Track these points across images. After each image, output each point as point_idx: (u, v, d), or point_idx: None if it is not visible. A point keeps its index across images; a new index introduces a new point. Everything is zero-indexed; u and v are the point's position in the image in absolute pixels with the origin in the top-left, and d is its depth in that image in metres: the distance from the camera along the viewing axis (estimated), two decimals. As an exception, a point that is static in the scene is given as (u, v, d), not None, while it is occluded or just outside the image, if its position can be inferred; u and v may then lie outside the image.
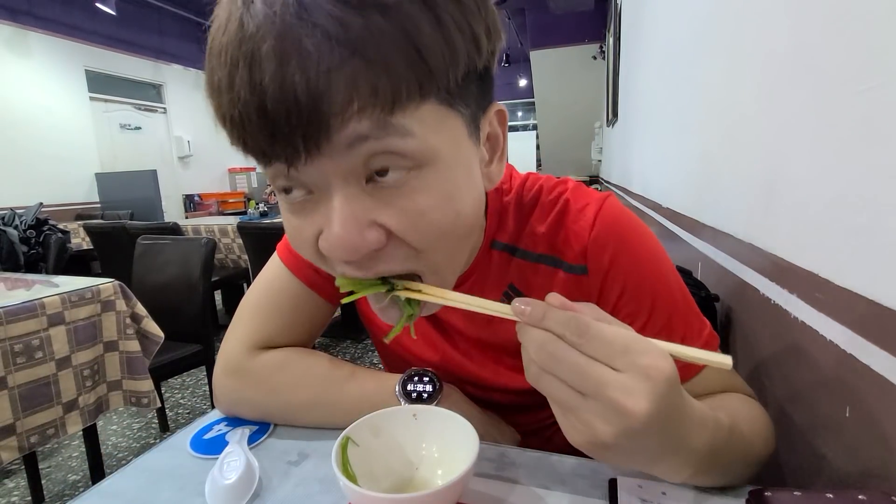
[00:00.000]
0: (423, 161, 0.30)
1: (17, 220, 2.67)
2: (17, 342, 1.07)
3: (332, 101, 0.26)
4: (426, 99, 0.29)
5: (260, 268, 0.56)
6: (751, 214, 0.70)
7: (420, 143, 0.29)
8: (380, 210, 0.30)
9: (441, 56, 0.28)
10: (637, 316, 0.43)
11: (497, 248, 0.46)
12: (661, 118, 1.65)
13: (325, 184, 0.30)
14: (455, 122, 0.32)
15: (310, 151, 0.27)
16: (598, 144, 5.57)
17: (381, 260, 0.32)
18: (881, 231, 0.39)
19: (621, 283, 0.43)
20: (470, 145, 0.34)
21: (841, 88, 0.45)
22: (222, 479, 0.40)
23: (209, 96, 0.30)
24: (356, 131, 0.27)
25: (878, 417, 0.38)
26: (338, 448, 0.36)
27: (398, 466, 0.39)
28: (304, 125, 0.26)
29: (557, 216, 0.45)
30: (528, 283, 0.47)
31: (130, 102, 5.53)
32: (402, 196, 0.30)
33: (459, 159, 0.33)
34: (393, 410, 0.41)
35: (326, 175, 0.29)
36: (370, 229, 0.30)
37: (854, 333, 0.41)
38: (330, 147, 0.28)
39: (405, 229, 0.31)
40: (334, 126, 0.27)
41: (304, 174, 0.30)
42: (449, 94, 0.30)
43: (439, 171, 0.31)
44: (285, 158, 0.28)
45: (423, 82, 0.28)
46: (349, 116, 0.27)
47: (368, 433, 0.39)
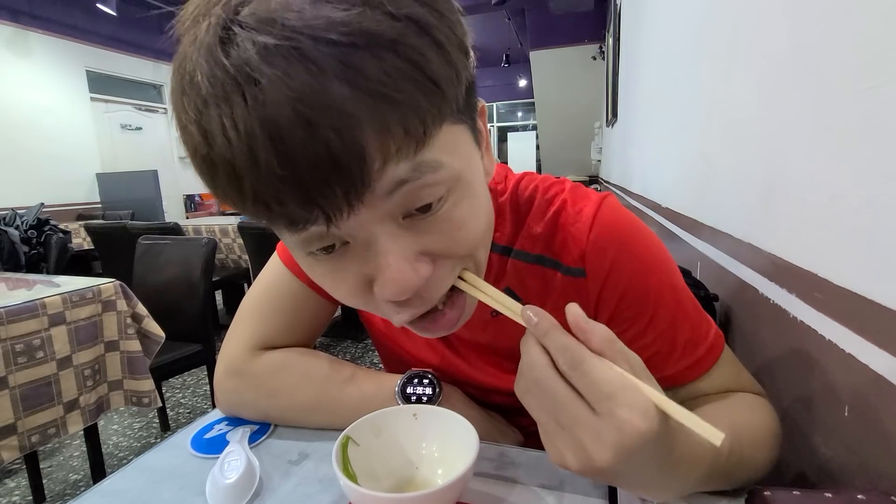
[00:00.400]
0: (453, 184, 0.30)
1: (19, 220, 2.67)
2: (18, 342, 1.07)
3: (370, 151, 0.25)
4: (443, 124, 0.29)
5: (260, 268, 0.57)
6: (750, 214, 0.70)
7: (448, 171, 0.29)
8: (422, 239, 0.30)
9: (450, 80, 0.28)
10: (638, 320, 0.43)
11: (494, 250, 0.45)
12: (661, 118, 1.65)
13: (365, 232, 0.29)
14: (465, 135, 0.32)
15: (352, 206, 0.26)
16: (597, 144, 5.57)
17: (436, 284, 0.32)
18: (881, 231, 0.39)
19: (622, 287, 0.42)
20: (476, 151, 0.35)
21: (840, 88, 0.45)
22: (223, 478, 0.40)
23: (227, 184, 0.26)
24: (395, 177, 0.27)
25: (877, 417, 0.38)
26: (338, 447, 0.36)
27: (398, 466, 0.40)
28: (345, 183, 0.25)
29: (554, 217, 0.45)
30: (525, 286, 0.46)
31: (131, 103, 5.54)
32: (438, 220, 0.30)
33: (474, 168, 0.33)
34: (393, 410, 0.41)
35: (368, 224, 0.28)
36: (419, 262, 0.30)
37: (853, 333, 0.41)
38: (372, 197, 0.27)
39: (449, 247, 0.32)
40: (375, 176, 0.26)
41: (345, 228, 0.28)
42: (459, 112, 0.31)
43: (465, 186, 0.31)
44: (325, 220, 0.27)
45: (442, 109, 0.28)
46: (387, 163, 0.26)
47: (369, 433, 0.39)
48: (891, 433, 0.36)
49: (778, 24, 0.61)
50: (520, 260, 0.46)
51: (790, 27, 0.58)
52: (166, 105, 5.92)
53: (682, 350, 0.43)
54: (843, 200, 0.44)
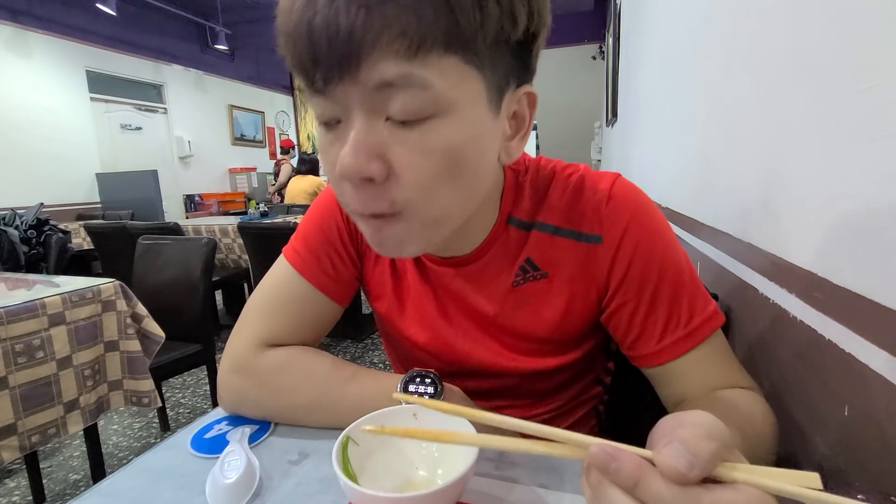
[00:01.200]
0: (438, 111, 0.33)
1: (18, 220, 2.67)
2: (18, 342, 1.07)
3: (365, 34, 0.30)
4: (451, 53, 0.32)
5: (260, 267, 0.58)
6: (750, 213, 0.70)
7: (437, 95, 0.32)
8: (388, 146, 0.34)
9: (471, 16, 0.31)
10: (644, 286, 0.45)
11: (513, 223, 0.48)
12: (661, 118, 1.65)
13: (350, 112, 0.34)
14: (476, 84, 0.34)
15: (343, 77, 0.31)
16: (597, 144, 5.57)
17: (376, 195, 0.35)
18: (881, 231, 0.39)
19: (631, 252, 0.45)
20: (487, 111, 0.36)
21: (840, 88, 0.45)
22: (223, 478, 0.40)
23: (278, 19, 0.34)
24: (382, 75, 0.31)
25: (877, 417, 0.38)
26: (338, 447, 0.36)
27: (399, 466, 0.40)
28: (340, 49, 0.30)
29: (573, 191, 0.48)
30: (545, 255, 0.48)
31: (131, 103, 5.53)
32: (411, 137, 0.33)
33: (472, 119, 0.35)
34: (393, 410, 0.41)
35: (353, 103, 0.33)
36: (375, 160, 0.34)
37: (853, 333, 0.41)
38: (360, 78, 0.31)
39: (405, 166, 0.34)
40: (364, 58, 0.31)
41: (337, 99, 0.33)
42: (476, 56, 0.33)
43: (451, 123, 0.34)
44: (323, 80, 0.32)
45: (450, 35, 0.31)
46: (378, 53, 0.30)
47: (369, 433, 0.39)
48: (891, 433, 0.36)
49: (778, 23, 0.61)
50: (541, 231, 0.48)
51: (790, 27, 0.58)
52: (166, 105, 5.92)
53: (678, 321, 0.45)
54: (843, 200, 0.44)
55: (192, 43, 6.28)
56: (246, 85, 7.18)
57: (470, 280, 0.51)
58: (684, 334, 0.45)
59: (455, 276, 0.51)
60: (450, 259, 0.51)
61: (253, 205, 4.67)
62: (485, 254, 0.49)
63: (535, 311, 0.49)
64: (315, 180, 4.35)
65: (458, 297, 0.52)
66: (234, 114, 6.95)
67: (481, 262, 0.49)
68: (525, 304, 0.49)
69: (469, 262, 0.50)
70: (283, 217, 3.36)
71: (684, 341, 0.45)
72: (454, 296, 0.52)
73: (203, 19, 6.08)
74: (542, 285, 0.49)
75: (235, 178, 6.85)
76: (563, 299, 0.48)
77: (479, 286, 0.50)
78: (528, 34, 0.36)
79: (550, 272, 0.48)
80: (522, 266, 0.49)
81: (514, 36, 0.34)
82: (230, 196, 6.54)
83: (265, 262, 2.61)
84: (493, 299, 0.50)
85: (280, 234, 2.31)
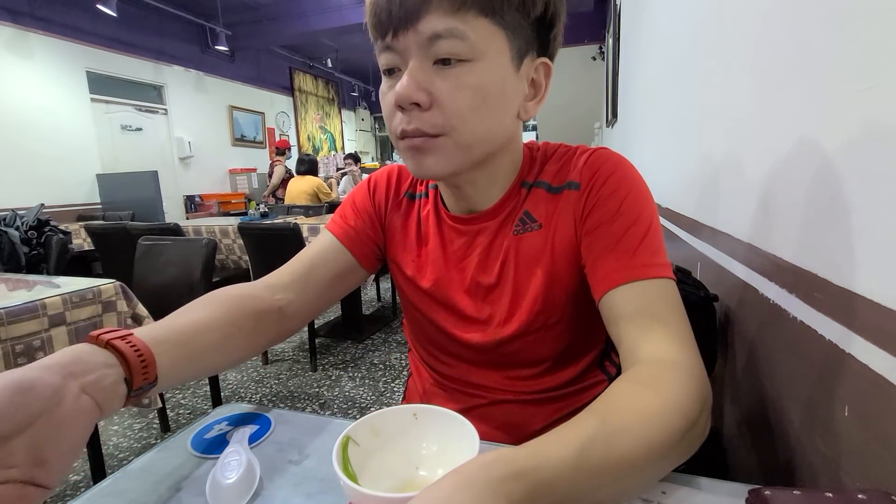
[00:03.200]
0: (472, 56, 0.45)
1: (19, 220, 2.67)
2: (19, 343, 1.07)
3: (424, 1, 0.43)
4: (483, 15, 0.44)
5: (260, 268, 0.59)
6: (750, 214, 0.70)
7: (472, 45, 0.44)
8: (433, 82, 0.45)
9: None
10: (602, 221, 0.52)
11: (524, 186, 0.58)
12: (661, 118, 1.65)
13: (408, 57, 0.46)
14: (501, 42, 0.46)
15: (406, 28, 0.44)
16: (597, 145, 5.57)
17: (421, 119, 0.46)
18: (881, 231, 0.39)
19: (598, 193, 0.53)
20: (510, 66, 0.48)
21: (840, 88, 0.45)
22: (223, 478, 0.40)
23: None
24: (433, 28, 0.44)
25: (878, 417, 0.38)
26: (338, 447, 0.36)
27: (399, 466, 0.40)
28: (406, 11, 0.44)
29: (567, 157, 0.58)
30: (539, 209, 0.56)
31: (131, 104, 5.53)
32: (451, 76, 0.45)
33: (499, 69, 0.47)
34: (393, 410, 0.41)
35: (410, 50, 0.45)
36: (422, 91, 0.45)
37: (853, 333, 0.41)
38: (418, 29, 0.44)
39: (443, 96, 0.45)
40: (422, 15, 0.43)
41: (400, 45, 0.45)
42: (503, 20, 0.45)
43: (480, 67, 0.45)
44: (393, 28, 0.45)
45: (483, 2, 0.44)
46: (432, 10, 0.43)
47: (369, 433, 0.40)
48: (891, 433, 0.36)
49: (778, 23, 0.61)
50: (538, 188, 0.57)
51: (790, 27, 0.58)
52: (166, 106, 5.93)
53: (625, 256, 0.49)
54: (843, 200, 0.45)
55: (192, 44, 6.28)
56: (246, 86, 7.18)
57: (487, 235, 0.58)
58: (623, 266, 0.49)
59: (478, 232, 0.59)
60: (471, 216, 0.59)
61: (253, 205, 4.67)
62: (500, 212, 0.58)
63: (532, 256, 0.56)
64: (314, 181, 4.35)
65: (475, 253, 0.59)
66: (235, 114, 6.95)
67: (497, 219, 0.58)
68: (524, 250, 0.57)
69: (487, 220, 0.58)
70: (283, 218, 3.36)
71: (622, 272, 0.49)
72: (472, 252, 0.59)
73: (203, 20, 6.09)
74: (536, 235, 0.56)
75: (236, 178, 6.85)
76: (552, 244, 0.55)
77: (494, 240, 0.58)
78: (545, 14, 0.48)
79: (543, 223, 0.56)
80: (521, 218, 0.57)
81: (534, 12, 0.47)
82: (230, 197, 6.55)
83: (265, 262, 2.61)
84: (501, 250, 0.57)
85: (280, 234, 2.31)
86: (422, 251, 0.63)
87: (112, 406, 0.37)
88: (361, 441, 0.39)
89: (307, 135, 8.77)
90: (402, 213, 0.65)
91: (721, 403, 0.80)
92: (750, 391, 0.66)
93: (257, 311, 0.55)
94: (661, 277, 0.48)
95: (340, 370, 2.51)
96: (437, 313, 0.62)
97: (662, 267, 0.49)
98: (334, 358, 2.67)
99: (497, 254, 0.58)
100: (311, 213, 3.65)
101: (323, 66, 8.59)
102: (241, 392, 2.31)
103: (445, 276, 0.61)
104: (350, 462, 0.37)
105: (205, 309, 0.51)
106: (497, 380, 0.61)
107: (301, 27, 6.23)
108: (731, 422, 0.74)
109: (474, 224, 0.59)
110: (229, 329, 0.50)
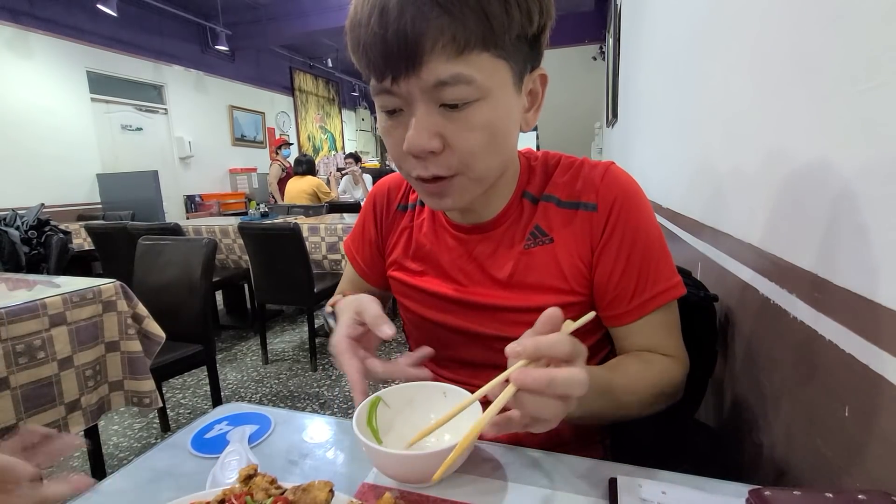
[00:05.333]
0: (479, 96, 0.43)
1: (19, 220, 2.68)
2: (19, 342, 1.07)
3: (426, 41, 0.40)
4: (486, 50, 0.42)
5: (260, 268, 0.61)
6: (750, 214, 0.70)
7: (478, 85, 0.43)
8: (443, 126, 0.44)
9: (501, 21, 0.41)
10: (623, 247, 0.54)
11: (527, 197, 0.58)
12: (661, 118, 1.65)
13: (412, 102, 0.44)
14: (505, 73, 0.45)
15: (408, 73, 0.41)
16: (597, 145, 5.56)
17: (437, 163, 0.46)
18: (881, 231, 0.39)
19: (618, 218, 0.54)
20: (513, 92, 0.47)
21: (840, 88, 0.45)
22: (223, 478, 0.40)
23: (350, 29, 0.44)
24: (437, 74, 0.41)
25: (877, 417, 0.38)
26: (366, 405, 0.43)
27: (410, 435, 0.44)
28: (407, 52, 0.40)
29: (575, 170, 0.58)
30: (551, 224, 0.57)
31: (131, 103, 5.53)
32: (461, 119, 0.44)
33: (504, 100, 0.46)
34: (425, 385, 0.48)
35: (414, 95, 0.43)
36: (434, 138, 0.44)
37: (853, 333, 0.41)
38: (420, 73, 0.41)
39: (458, 140, 0.45)
40: (425, 59, 0.41)
41: (401, 91, 0.43)
42: (504, 51, 0.43)
43: (489, 105, 0.44)
44: (392, 76, 0.42)
45: (486, 37, 0.41)
46: (435, 54, 0.40)
47: (400, 399, 0.46)
48: (891, 433, 0.36)
49: (778, 24, 0.61)
50: (548, 202, 0.58)
51: (790, 27, 0.58)
52: (166, 106, 5.93)
53: (646, 282, 0.54)
54: (843, 200, 0.45)
55: (192, 43, 6.28)
56: (246, 85, 7.18)
57: (490, 244, 0.59)
58: (650, 296, 0.54)
59: (479, 241, 0.60)
60: (473, 226, 0.60)
61: (253, 205, 4.67)
62: (503, 223, 0.58)
63: (544, 270, 0.57)
64: (313, 181, 4.35)
65: (478, 261, 0.60)
66: (235, 114, 6.95)
67: (500, 230, 0.59)
68: (535, 264, 0.58)
69: (489, 230, 0.59)
70: (284, 217, 3.36)
71: (649, 303, 0.54)
72: (475, 259, 0.60)
73: (203, 20, 6.08)
74: (548, 249, 0.57)
75: (236, 178, 6.85)
76: (563, 259, 0.56)
77: (496, 250, 0.59)
78: (540, 28, 0.46)
79: (555, 237, 0.57)
80: (532, 232, 0.58)
81: (531, 31, 0.45)
82: (230, 196, 6.55)
83: (265, 262, 2.61)
84: (509, 260, 0.58)
85: (280, 234, 2.31)
86: (419, 258, 0.64)
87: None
88: (392, 403, 0.46)
89: (307, 135, 8.76)
90: (397, 226, 0.67)
91: (721, 403, 0.80)
92: (750, 391, 0.66)
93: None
94: (673, 300, 0.55)
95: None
96: (438, 313, 0.63)
97: (675, 287, 0.55)
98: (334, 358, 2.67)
99: (503, 262, 0.58)
100: (311, 213, 3.65)
101: (323, 65, 8.59)
102: (241, 392, 2.31)
103: (446, 280, 0.62)
104: (376, 420, 0.44)
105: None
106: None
107: (301, 27, 6.23)
108: (731, 421, 0.74)
109: (476, 234, 0.60)
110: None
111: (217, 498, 0.35)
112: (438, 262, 0.62)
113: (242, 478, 0.37)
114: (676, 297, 0.55)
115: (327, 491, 0.35)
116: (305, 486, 0.36)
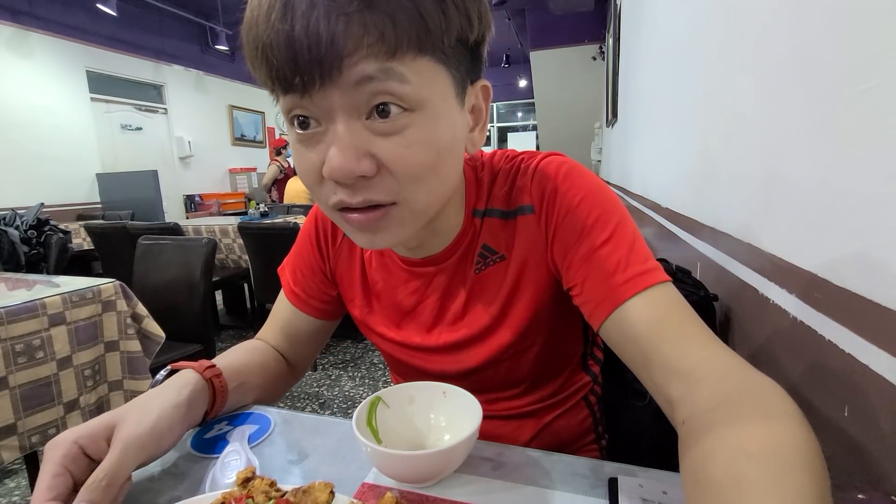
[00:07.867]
0: (416, 106, 0.36)
1: (19, 220, 2.67)
2: (18, 342, 1.07)
3: (346, 40, 0.32)
4: (423, 54, 0.35)
5: (260, 268, 0.61)
6: (750, 214, 0.70)
7: (414, 90, 0.35)
8: (374, 143, 0.36)
9: (438, 21, 0.34)
10: (573, 242, 0.46)
11: (477, 215, 0.52)
12: (661, 118, 1.65)
13: (332, 115, 0.35)
14: (445, 80, 0.38)
15: (324, 81, 0.33)
16: (597, 145, 5.56)
17: (370, 189, 0.37)
18: (881, 231, 0.39)
19: (555, 212, 0.48)
20: (455, 104, 0.40)
21: (840, 88, 0.45)
22: (223, 478, 0.40)
23: (246, 32, 0.35)
24: (363, 71, 0.33)
25: (877, 417, 0.38)
26: (366, 405, 0.42)
27: (427, 430, 0.45)
28: (321, 57, 0.32)
29: (511, 177, 0.52)
30: (496, 237, 0.52)
31: (131, 103, 5.53)
32: (394, 133, 0.36)
33: (445, 111, 0.38)
34: (425, 384, 0.46)
35: (334, 106, 0.35)
36: (364, 158, 0.36)
37: (853, 333, 0.41)
38: (340, 80, 0.33)
39: (393, 160, 0.36)
40: (346, 62, 0.33)
41: (317, 103, 0.35)
42: (443, 55, 0.37)
43: (427, 117, 0.37)
44: (303, 85, 0.34)
45: (422, 38, 0.34)
46: (359, 56, 0.33)
47: (402, 399, 0.45)
48: (891, 433, 0.36)
49: (778, 24, 0.61)
50: (491, 217, 0.52)
51: (790, 27, 0.58)
52: (166, 105, 5.93)
53: (615, 268, 0.43)
54: (843, 200, 0.45)
55: (192, 43, 6.28)
56: (246, 85, 7.18)
57: (445, 276, 0.53)
58: (620, 282, 0.42)
59: (435, 274, 0.53)
60: (424, 259, 0.53)
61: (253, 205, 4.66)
62: (458, 248, 0.52)
63: (499, 291, 0.52)
64: (314, 181, 4.34)
65: (436, 296, 0.54)
66: (235, 114, 6.95)
67: (456, 256, 0.52)
68: (488, 287, 0.52)
69: (443, 261, 0.52)
70: (283, 217, 3.36)
71: (622, 288, 0.42)
72: (433, 295, 0.55)
73: (203, 19, 6.08)
74: (501, 267, 0.52)
75: (236, 178, 6.85)
76: (520, 276, 0.51)
77: (451, 281, 0.53)
78: (481, 35, 0.40)
79: (506, 254, 0.51)
80: (481, 252, 0.52)
81: (472, 36, 0.38)
82: (230, 196, 6.55)
83: (265, 262, 2.61)
84: (463, 289, 0.53)
85: (280, 234, 2.31)
86: (372, 298, 0.59)
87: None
88: (392, 404, 0.44)
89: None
90: (346, 258, 0.60)
91: (721, 403, 0.80)
92: (750, 391, 0.66)
93: (276, 359, 0.62)
94: (662, 282, 0.43)
95: (340, 370, 2.51)
96: (402, 353, 0.58)
97: (657, 271, 0.43)
98: (334, 357, 2.67)
99: (457, 292, 0.53)
100: (310, 213, 3.64)
101: (323, 65, 8.58)
102: (241, 392, 2.31)
103: (402, 320, 0.57)
104: (376, 419, 0.43)
105: (247, 354, 0.58)
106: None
107: (301, 27, 6.22)
108: (730, 422, 0.74)
109: (429, 266, 0.53)
110: (265, 373, 0.58)
111: (216, 502, 0.35)
112: (396, 303, 0.56)
113: (240, 481, 0.37)
114: (660, 280, 0.42)
115: (328, 492, 0.35)
116: (306, 487, 0.36)
